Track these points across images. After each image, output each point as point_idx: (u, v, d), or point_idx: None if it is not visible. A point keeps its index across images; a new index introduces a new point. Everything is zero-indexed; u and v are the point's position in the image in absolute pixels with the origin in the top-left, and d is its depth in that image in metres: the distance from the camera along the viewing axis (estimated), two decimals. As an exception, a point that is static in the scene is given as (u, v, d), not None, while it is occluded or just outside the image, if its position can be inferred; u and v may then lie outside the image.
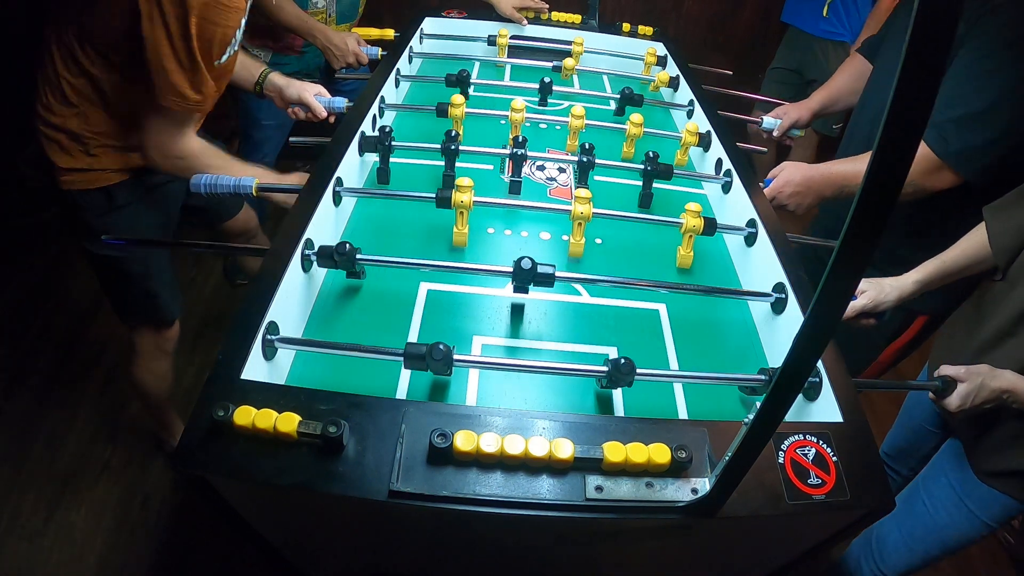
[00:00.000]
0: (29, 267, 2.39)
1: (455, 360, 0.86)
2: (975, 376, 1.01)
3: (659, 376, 0.93)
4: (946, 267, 1.18)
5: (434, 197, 1.16)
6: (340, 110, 1.49)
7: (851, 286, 0.51)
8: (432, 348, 0.84)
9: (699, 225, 1.17)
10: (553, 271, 1.00)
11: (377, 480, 0.72)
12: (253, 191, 1.16)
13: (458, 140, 1.31)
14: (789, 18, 2.66)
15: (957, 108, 1.19)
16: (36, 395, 1.98)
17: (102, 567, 1.60)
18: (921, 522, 1.29)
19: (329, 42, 1.81)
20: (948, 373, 1.04)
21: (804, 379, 0.57)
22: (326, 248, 1.01)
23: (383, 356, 0.88)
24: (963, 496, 1.21)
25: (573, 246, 1.19)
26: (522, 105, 1.44)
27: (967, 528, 1.23)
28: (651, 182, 1.35)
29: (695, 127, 1.49)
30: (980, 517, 1.21)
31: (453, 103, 1.44)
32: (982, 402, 1.01)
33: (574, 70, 1.78)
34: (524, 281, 1.01)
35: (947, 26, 0.40)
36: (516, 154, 1.31)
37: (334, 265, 1.02)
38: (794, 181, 1.35)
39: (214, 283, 2.46)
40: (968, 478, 1.20)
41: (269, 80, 1.46)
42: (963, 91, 1.18)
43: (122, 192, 1.29)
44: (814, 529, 0.90)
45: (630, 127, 1.47)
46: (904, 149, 0.44)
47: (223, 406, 0.73)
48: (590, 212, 1.16)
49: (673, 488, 0.74)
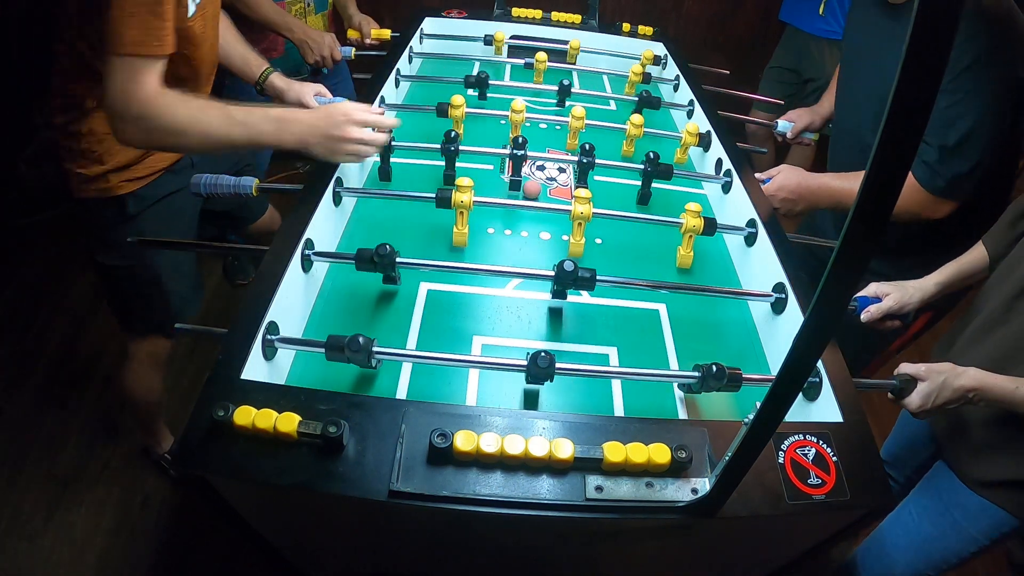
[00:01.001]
0: (29, 268, 2.39)
1: (457, 360, 0.86)
2: (936, 375, 0.96)
3: (590, 372, 0.93)
4: (964, 270, 1.19)
5: (434, 197, 1.16)
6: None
7: (851, 286, 0.51)
8: (350, 340, 0.85)
9: (699, 225, 1.17)
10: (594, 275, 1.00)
11: (377, 480, 0.72)
12: (253, 191, 1.16)
13: (458, 140, 1.31)
14: (786, 17, 2.66)
15: (936, 141, 1.21)
16: (36, 395, 1.98)
17: (102, 567, 1.60)
18: (907, 534, 1.23)
19: (307, 36, 1.83)
20: (908, 372, 0.98)
21: (804, 379, 0.57)
22: (365, 252, 1.01)
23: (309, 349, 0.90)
24: (950, 505, 1.16)
25: (573, 246, 1.19)
26: (522, 106, 1.44)
27: (954, 542, 1.16)
28: (650, 181, 1.35)
29: (695, 127, 1.49)
30: (968, 530, 1.14)
31: (453, 104, 1.44)
32: (944, 402, 0.95)
33: (546, 64, 1.76)
34: (565, 284, 1.01)
35: (947, 25, 0.40)
36: (516, 154, 1.31)
37: (373, 268, 1.01)
38: (788, 187, 1.36)
39: (214, 283, 2.45)
40: (955, 486, 1.15)
41: (270, 81, 1.46)
42: (938, 125, 1.20)
43: (134, 201, 1.27)
44: (814, 529, 0.90)
45: (630, 127, 1.47)
46: (904, 148, 0.44)
47: (223, 406, 0.73)
48: (590, 212, 1.16)
49: (673, 488, 0.74)
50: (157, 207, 1.32)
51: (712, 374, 0.89)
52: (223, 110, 1.07)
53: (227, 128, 1.06)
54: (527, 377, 0.87)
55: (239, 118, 1.07)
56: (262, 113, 1.08)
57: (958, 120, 1.18)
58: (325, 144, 1.10)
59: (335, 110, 1.09)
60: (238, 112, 1.07)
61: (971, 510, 1.13)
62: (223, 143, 1.09)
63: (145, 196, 1.29)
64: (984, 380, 0.96)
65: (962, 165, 1.21)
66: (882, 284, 1.17)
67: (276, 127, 1.08)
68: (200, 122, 1.04)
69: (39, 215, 2.52)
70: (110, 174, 1.23)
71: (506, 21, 2.01)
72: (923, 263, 1.25)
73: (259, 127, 1.07)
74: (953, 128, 1.19)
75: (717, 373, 0.89)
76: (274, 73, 1.46)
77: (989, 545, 1.15)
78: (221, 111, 1.06)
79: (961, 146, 1.19)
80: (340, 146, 1.10)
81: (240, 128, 1.07)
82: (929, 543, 1.20)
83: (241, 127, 1.07)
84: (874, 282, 1.18)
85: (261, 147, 1.09)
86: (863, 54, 1.42)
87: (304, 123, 1.09)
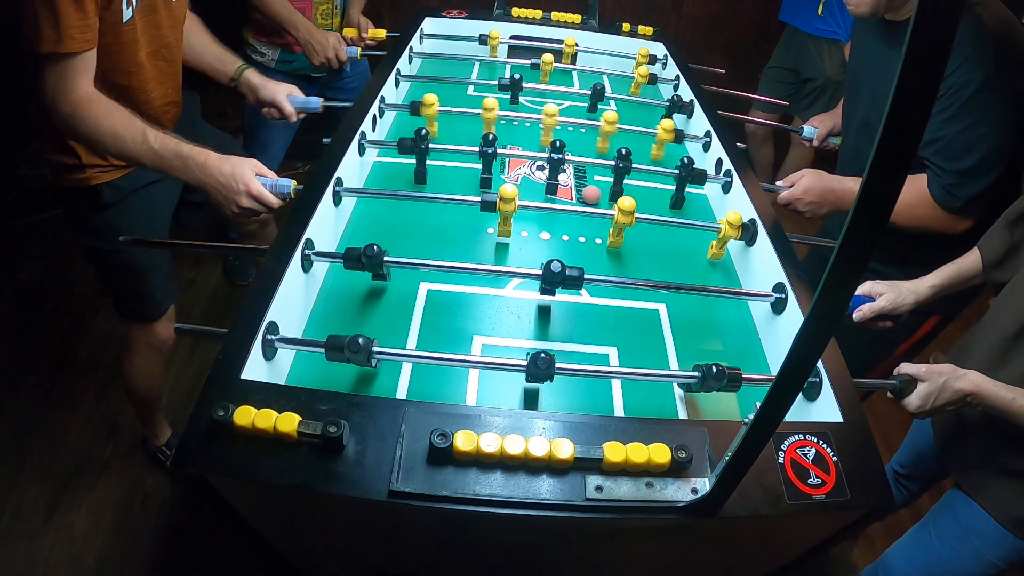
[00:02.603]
0: (29, 268, 2.39)
1: (457, 360, 0.86)
2: (936, 376, 0.96)
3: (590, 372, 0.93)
4: (962, 273, 1.18)
5: (434, 198, 1.16)
6: (315, 109, 1.50)
7: (851, 286, 0.51)
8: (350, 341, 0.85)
9: (736, 234, 1.19)
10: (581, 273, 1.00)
11: (377, 480, 0.72)
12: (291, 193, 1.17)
13: (495, 143, 1.32)
14: (786, 17, 2.67)
15: (953, 167, 1.22)
16: (36, 395, 1.98)
17: (102, 567, 1.60)
18: (926, 556, 1.22)
19: (311, 36, 1.83)
20: (908, 372, 0.98)
21: (804, 379, 0.57)
22: (353, 251, 1.01)
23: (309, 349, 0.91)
24: (969, 532, 1.15)
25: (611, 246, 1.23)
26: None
27: (973, 565, 1.16)
28: (684, 186, 1.36)
29: (671, 124, 1.49)
30: (987, 556, 1.14)
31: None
32: (944, 403, 0.96)
33: (552, 66, 1.76)
34: (552, 284, 1.01)
35: (946, 27, 0.40)
36: (553, 158, 1.31)
37: (361, 267, 1.02)
38: (813, 190, 1.36)
39: (214, 283, 2.45)
40: (975, 513, 1.14)
41: (244, 77, 1.48)
42: (953, 151, 1.21)
43: (109, 191, 1.32)
44: (814, 529, 0.90)
45: (603, 124, 1.48)
46: (904, 146, 0.44)
47: (223, 406, 0.73)
48: (632, 221, 1.17)
49: (673, 488, 0.74)
50: (133, 196, 1.37)
51: (712, 375, 0.89)
52: (143, 133, 1.12)
53: (140, 151, 1.13)
54: (527, 377, 0.87)
55: (154, 146, 1.13)
56: (174, 147, 1.14)
57: (974, 144, 1.18)
58: (219, 197, 1.16)
59: (240, 174, 1.13)
60: (156, 140, 1.13)
61: (991, 537, 1.13)
62: (134, 161, 1.16)
63: (121, 186, 1.34)
64: (983, 386, 0.96)
65: (978, 185, 1.22)
66: (876, 283, 1.16)
67: (183, 164, 1.14)
68: (118, 138, 1.11)
69: (39, 215, 2.53)
70: (87, 167, 1.27)
71: (506, 21, 2.01)
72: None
73: (168, 160, 1.13)
74: (969, 153, 1.19)
75: (717, 374, 0.89)
76: (249, 70, 1.48)
77: (1007, 569, 1.16)
78: (140, 134, 1.12)
79: (977, 168, 1.20)
80: (231, 207, 1.16)
81: (151, 155, 1.13)
82: (948, 567, 1.19)
83: (152, 154, 1.13)
84: (869, 280, 1.18)
85: (169, 176, 1.16)
86: (863, 72, 1.43)
87: (207, 172, 1.14)
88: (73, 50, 1.04)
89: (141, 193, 1.38)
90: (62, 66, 1.05)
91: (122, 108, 1.13)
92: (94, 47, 1.09)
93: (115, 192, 1.33)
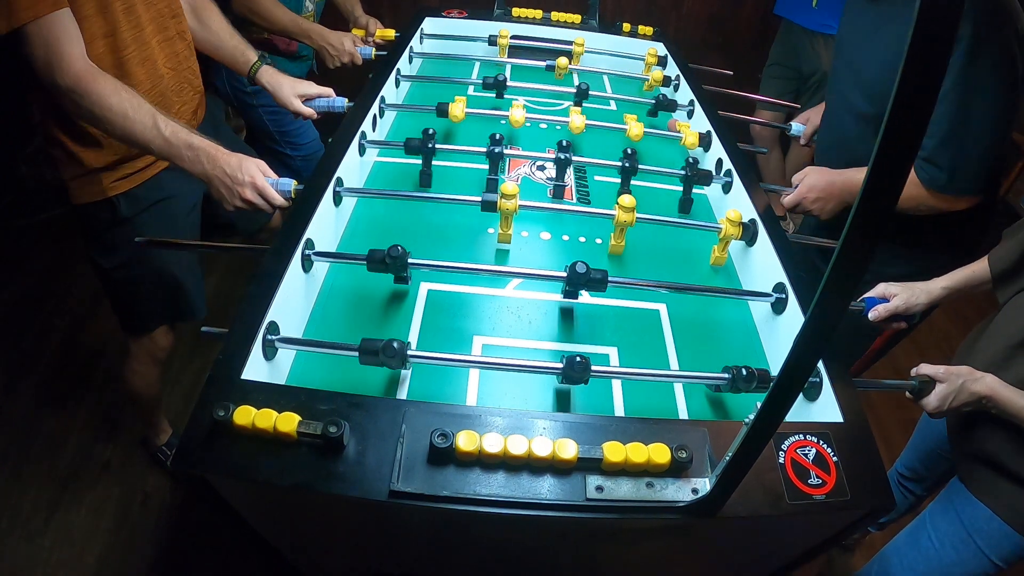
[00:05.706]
0: (29, 268, 2.39)
1: (457, 360, 0.86)
2: (955, 377, 0.98)
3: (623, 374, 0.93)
4: (974, 277, 1.19)
5: (435, 198, 1.16)
6: (340, 110, 1.49)
7: (852, 286, 0.51)
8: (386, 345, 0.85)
9: (737, 233, 1.19)
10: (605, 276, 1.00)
11: (377, 480, 0.72)
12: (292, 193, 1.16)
13: (502, 143, 1.32)
14: (781, 11, 2.66)
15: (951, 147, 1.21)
16: (36, 395, 1.98)
17: (102, 567, 1.60)
18: (926, 559, 1.22)
19: (325, 41, 1.81)
20: (927, 372, 1.00)
21: (804, 379, 0.57)
22: (377, 252, 1.01)
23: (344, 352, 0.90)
24: (972, 532, 1.15)
25: (613, 248, 1.23)
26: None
27: (975, 566, 1.16)
28: (691, 187, 1.36)
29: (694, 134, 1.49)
30: (990, 555, 1.14)
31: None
32: (960, 404, 0.98)
33: (567, 69, 1.77)
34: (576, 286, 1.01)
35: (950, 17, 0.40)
36: (560, 158, 1.31)
37: (385, 269, 1.01)
38: (817, 187, 1.36)
39: (214, 283, 2.45)
40: (978, 512, 1.15)
41: (262, 72, 1.46)
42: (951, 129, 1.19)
43: (128, 203, 1.29)
44: (814, 529, 0.90)
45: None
46: (905, 148, 0.44)
47: (223, 406, 0.73)
48: (633, 219, 1.16)
49: (673, 488, 0.74)
50: (152, 210, 1.33)
51: (742, 377, 0.89)
52: (153, 117, 1.09)
53: (150, 135, 1.09)
54: (560, 379, 0.88)
55: (164, 132, 1.10)
56: (186, 137, 1.11)
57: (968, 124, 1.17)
58: (223, 189, 1.13)
59: (247, 167, 1.12)
60: (167, 127, 1.10)
61: (994, 537, 1.13)
62: (142, 146, 1.12)
63: (139, 197, 1.30)
64: (998, 390, 0.99)
65: (981, 164, 1.21)
66: (890, 285, 1.18)
67: (193, 155, 1.11)
68: (127, 118, 1.07)
69: (39, 215, 2.52)
70: (100, 174, 1.24)
71: (506, 21, 2.01)
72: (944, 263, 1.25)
73: (178, 148, 1.11)
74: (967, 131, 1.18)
75: (747, 376, 0.89)
76: (263, 69, 1.46)
77: (1006, 568, 1.16)
78: (151, 118, 1.09)
79: (977, 145, 1.19)
80: (234, 200, 1.14)
81: (161, 141, 1.10)
82: (950, 568, 1.19)
83: (162, 140, 1.10)
84: (882, 283, 1.19)
85: (174, 164, 1.13)
86: (847, 47, 1.43)
87: (215, 164, 1.12)
88: (43, 12, 1.00)
89: (161, 206, 1.34)
90: (44, 35, 1.01)
91: (130, 89, 1.09)
92: (67, 6, 1.03)
93: (132, 205, 1.30)
